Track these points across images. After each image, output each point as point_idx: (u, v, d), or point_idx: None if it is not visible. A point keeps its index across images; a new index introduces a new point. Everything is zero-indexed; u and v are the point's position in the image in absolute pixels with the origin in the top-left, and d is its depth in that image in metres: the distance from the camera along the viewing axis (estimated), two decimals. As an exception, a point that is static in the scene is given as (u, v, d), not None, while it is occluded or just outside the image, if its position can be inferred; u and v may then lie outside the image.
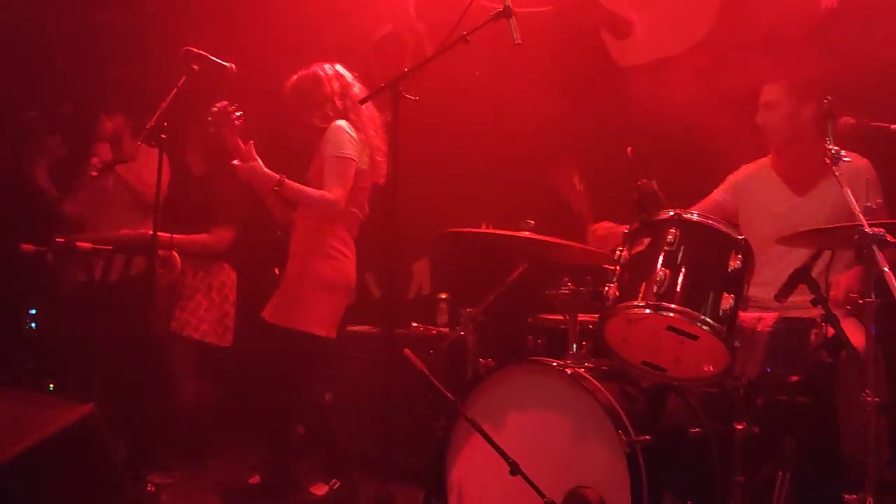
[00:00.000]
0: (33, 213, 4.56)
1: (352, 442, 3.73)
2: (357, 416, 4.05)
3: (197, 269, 4.16)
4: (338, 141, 3.30)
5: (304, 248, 3.37)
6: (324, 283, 3.34)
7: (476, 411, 2.69)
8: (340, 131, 3.32)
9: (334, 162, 3.27)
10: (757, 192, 3.29)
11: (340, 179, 3.26)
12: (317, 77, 3.43)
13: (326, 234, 3.36)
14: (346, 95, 3.43)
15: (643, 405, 2.68)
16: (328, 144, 3.30)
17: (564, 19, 4.37)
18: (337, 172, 3.26)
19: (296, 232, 3.44)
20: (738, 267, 2.54)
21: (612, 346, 2.66)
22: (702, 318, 2.45)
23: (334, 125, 3.34)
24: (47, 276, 4.40)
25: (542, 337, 3.25)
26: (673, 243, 2.54)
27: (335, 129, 3.33)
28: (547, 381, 2.63)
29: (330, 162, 3.27)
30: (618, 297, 2.58)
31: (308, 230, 3.37)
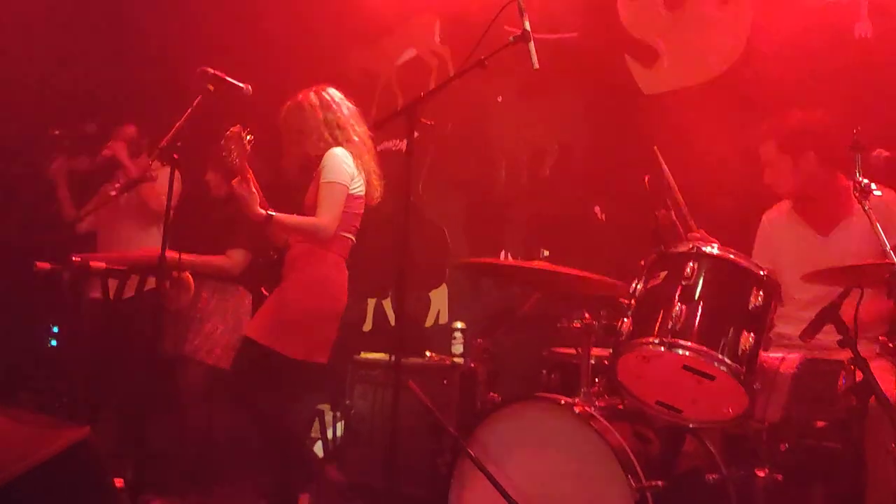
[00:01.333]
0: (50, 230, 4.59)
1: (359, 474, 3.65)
2: (366, 446, 3.96)
3: (212, 291, 4.11)
4: (332, 167, 3.30)
5: (298, 271, 3.36)
6: (314, 308, 3.32)
7: (481, 448, 2.58)
8: (335, 158, 3.32)
9: (326, 188, 3.27)
10: (781, 234, 3.20)
11: (331, 206, 3.26)
12: (300, 107, 3.41)
13: (320, 259, 3.34)
14: (334, 122, 3.40)
15: (657, 448, 2.55)
16: (323, 170, 3.31)
17: (590, 46, 4.31)
18: (328, 199, 3.26)
19: (290, 254, 3.43)
20: (760, 304, 2.41)
21: (626, 383, 2.54)
22: (719, 358, 2.32)
23: (330, 152, 3.34)
24: (63, 295, 4.42)
25: (557, 371, 3.13)
26: (691, 277, 2.42)
27: (331, 155, 3.33)
28: (555, 419, 2.51)
29: (322, 188, 3.28)
30: (632, 333, 2.47)
31: (302, 254, 3.37)
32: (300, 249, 3.36)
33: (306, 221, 3.26)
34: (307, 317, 3.30)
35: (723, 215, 3.61)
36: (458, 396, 3.76)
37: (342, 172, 3.29)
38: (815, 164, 2.99)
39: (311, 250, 3.32)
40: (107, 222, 4.44)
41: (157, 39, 5.05)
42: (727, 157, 3.74)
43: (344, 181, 3.29)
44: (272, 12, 5.37)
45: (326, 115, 3.39)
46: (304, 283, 3.32)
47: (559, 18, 4.33)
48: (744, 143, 3.65)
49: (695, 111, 3.88)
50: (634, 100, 4.17)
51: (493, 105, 4.69)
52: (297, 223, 3.27)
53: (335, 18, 5.12)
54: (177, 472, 3.93)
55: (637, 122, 4.15)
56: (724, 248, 2.51)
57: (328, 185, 3.26)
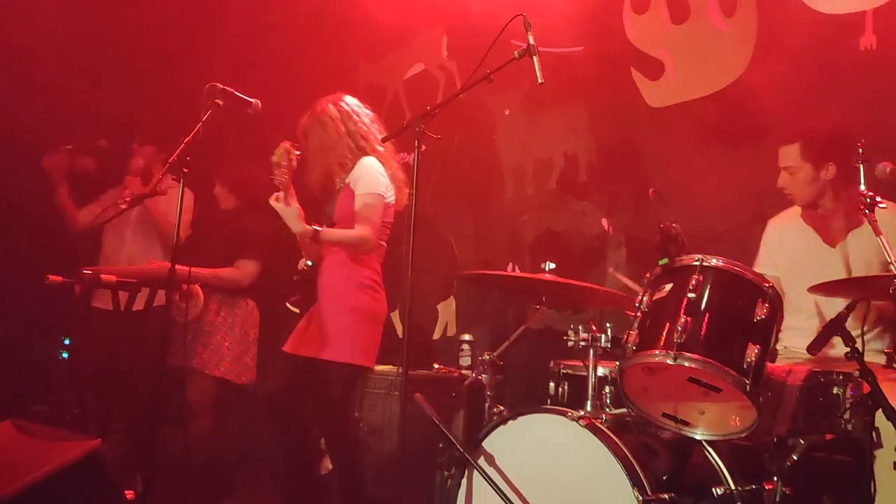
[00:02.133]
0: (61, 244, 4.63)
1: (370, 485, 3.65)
2: (376, 458, 3.97)
3: (221, 304, 4.14)
4: (367, 178, 3.29)
5: (340, 281, 3.31)
6: (365, 314, 3.30)
7: (488, 460, 2.59)
8: (369, 168, 3.30)
9: (366, 199, 3.26)
10: (789, 242, 3.20)
11: (372, 216, 3.25)
12: (321, 122, 3.38)
13: (363, 267, 3.32)
14: (357, 133, 3.38)
15: (664, 460, 2.55)
16: (360, 182, 3.29)
17: (595, 60, 4.33)
18: (368, 210, 3.25)
19: (327, 266, 3.38)
20: (765, 316, 2.41)
21: (632, 396, 2.54)
22: (724, 370, 2.32)
23: (363, 162, 3.32)
24: (74, 308, 4.45)
25: (564, 383, 3.13)
26: (696, 290, 2.43)
27: (364, 166, 3.31)
28: (561, 431, 2.52)
29: (362, 199, 3.26)
30: (638, 345, 2.48)
31: (341, 263, 3.32)
32: (339, 258, 3.32)
33: (351, 234, 3.25)
34: (364, 319, 3.30)
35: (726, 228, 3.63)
36: (466, 408, 3.77)
37: (378, 183, 3.29)
38: (834, 175, 2.99)
39: (354, 259, 3.30)
40: (112, 234, 4.48)
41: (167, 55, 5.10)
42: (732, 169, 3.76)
43: (381, 191, 3.29)
44: (281, 28, 5.44)
45: (349, 127, 3.36)
46: (354, 286, 3.29)
47: (565, 32, 4.35)
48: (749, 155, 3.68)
49: (700, 124, 3.92)
50: (640, 113, 4.18)
51: (499, 118, 4.72)
52: (341, 236, 3.26)
53: (343, 34, 5.18)
54: (186, 485, 3.94)
55: (643, 135, 4.18)
56: (728, 260, 2.52)
57: (366, 196, 3.26)
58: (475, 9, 4.72)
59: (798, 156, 3.04)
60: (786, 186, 3.12)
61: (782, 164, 3.09)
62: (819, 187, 3.06)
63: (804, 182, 3.05)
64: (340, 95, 3.46)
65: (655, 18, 4.18)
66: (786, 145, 3.07)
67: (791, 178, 3.08)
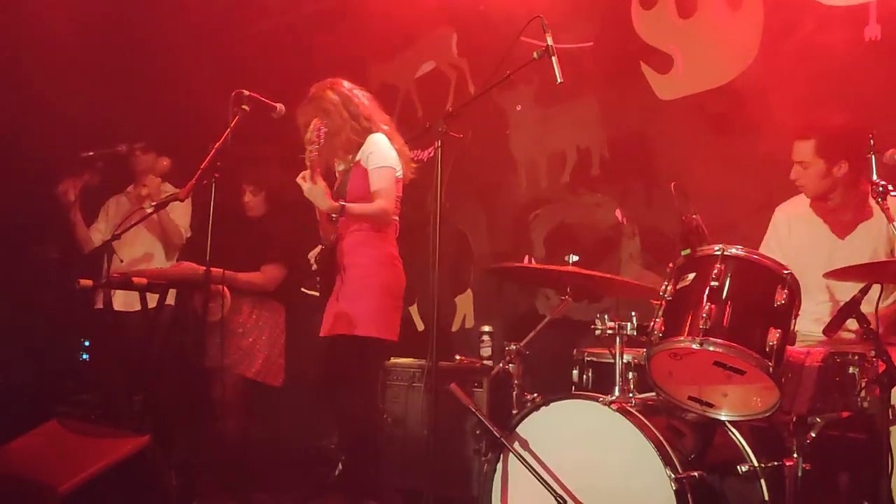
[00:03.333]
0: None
1: (396, 476, 3.75)
2: (401, 449, 4.07)
3: (253, 307, 4.23)
4: (379, 152, 3.34)
5: (364, 260, 3.36)
6: (390, 290, 3.37)
7: (522, 445, 2.70)
8: (380, 143, 3.36)
9: (380, 173, 3.31)
10: (799, 232, 3.28)
11: (389, 189, 3.32)
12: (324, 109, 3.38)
13: (384, 243, 3.39)
14: (360, 115, 3.41)
15: (690, 440, 2.67)
16: (372, 157, 3.33)
17: (605, 54, 4.42)
18: (384, 182, 3.31)
19: (349, 246, 3.40)
20: (785, 301, 2.53)
21: (658, 381, 2.66)
22: (748, 353, 2.44)
23: (372, 138, 3.37)
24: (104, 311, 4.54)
25: (589, 371, 3.25)
26: (718, 278, 2.54)
27: (373, 141, 3.36)
28: (593, 416, 2.63)
29: (377, 173, 3.32)
30: (663, 332, 2.59)
31: (361, 242, 3.37)
32: (357, 237, 3.37)
33: (374, 207, 3.29)
34: (392, 295, 3.36)
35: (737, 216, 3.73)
36: (490, 397, 3.88)
37: (389, 157, 3.33)
38: (846, 171, 3.07)
39: (368, 234, 3.35)
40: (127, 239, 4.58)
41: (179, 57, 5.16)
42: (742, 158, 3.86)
43: (393, 164, 3.34)
44: (291, 29, 5.51)
45: (351, 110, 3.40)
46: (376, 263, 3.34)
47: (575, 28, 4.44)
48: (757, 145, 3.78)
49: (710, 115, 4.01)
50: (651, 106, 4.28)
51: (512, 114, 4.81)
52: (364, 209, 3.30)
53: (354, 33, 5.24)
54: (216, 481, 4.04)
55: (654, 128, 4.27)
56: (748, 249, 2.63)
57: (381, 170, 3.30)
58: (484, 6, 4.81)
59: (812, 152, 3.09)
60: (798, 179, 3.19)
61: (796, 159, 3.16)
62: (831, 182, 3.12)
63: (817, 177, 3.11)
64: (337, 80, 3.49)
65: (663, 13, 4.27)
66: (801, 140, 3.12)
67: (804, 173, 3.15)
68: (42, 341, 5.09)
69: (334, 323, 3.36)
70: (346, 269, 3.39)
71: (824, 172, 3.10)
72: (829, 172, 3.10)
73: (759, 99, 3.75)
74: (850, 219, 3.15)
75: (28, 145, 4.79)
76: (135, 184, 4.77)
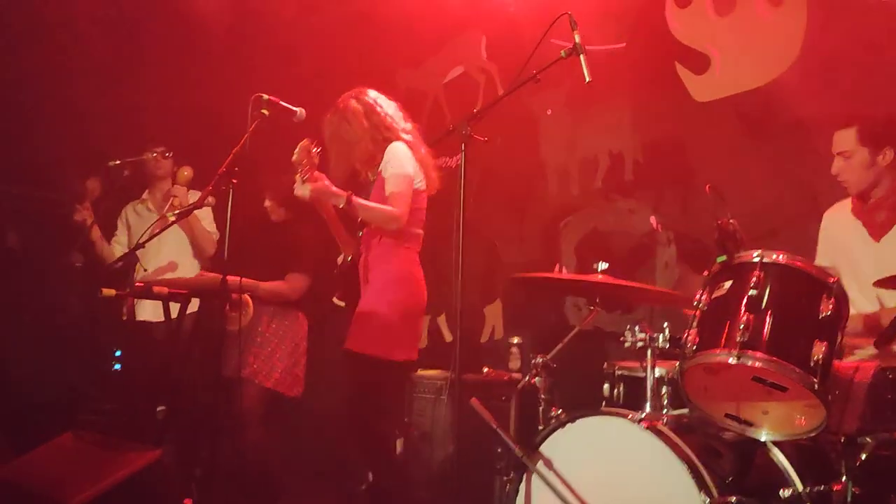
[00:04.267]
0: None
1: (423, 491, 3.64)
2: (427, 463, 3.96)
3: (272, 316, 4.17)
4: (396, 160, 3.30)
5: (379, 276, 3.32)
6: (404, 309, 3.29)
7: (547, 464, 2.55)
8: (398, 151, 3.32)
9: (395, 179, 3.27)
10: (837, 235, 3.13)
11: (402, 195, 3.26)
12: (345, 117, 3.37)
13: (401, 260, 3.32)
14: (381, 125, 3.37)
15: (728, 462, 2.49)
16: (388, 165, 3.30)
17: (639, 55, 4.28)
18: (398, 189, 3.25)
19: (366, 261, 3.38)
20: (831, 312, 2.35)
21: (692, 396, 2.49)
22: (791, 368, 2.26)
23: (392, 146, 3.33)
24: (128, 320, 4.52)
25: (619, 385, 3.09)
26: (757, 287, 2.37)
27: (393, 149, 3.32)
28: (622, 434, 2.47)
29: (391, 180, 3.27)
30: (698, 344, 2.42)
31: (379, 257, 3.33)
32: (377, 252, 3.34)
33: (382, 208, 3.24)
34: (405, 314, 3.29)
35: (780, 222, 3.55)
36: (518, 411, 3.74)
37: (404, 164, 3.29)
38: (891, 160, 2.92)
39: (388, 250, 3.31)
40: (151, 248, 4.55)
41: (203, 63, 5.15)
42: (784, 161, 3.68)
43: (409, 172, 3.29)
44: (319, 36, 5.47)
45: (372, 120, 3.37)
46: (392, 281, 3.29)
47: (607, 29, 4.32)
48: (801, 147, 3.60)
49: (749, 117, 3.84)
50: (686, 108, 4.12)
51: (542, 118, 4.69)
52: (373, 208, 3.25)
53: (381, 39, 5.19)
54: (238, 492, 3.97)
55: (690, 130, 4.11)
56: (790, 255, 2.45)
57: (396, 176, 3.26)
58: (513, 9, 4.70)
59: (855, 140, 2.96)
60: (840, 173, 3.04)
61: (837, 150, 3.01)
62: (875, 174, 2.98)
63: (860, 167, 2.97)
64: (362, 89, 3.47)
65: (700, 11, 4.12)
66: (842, 130, 2.99)
67: (846, 164, 3.00)
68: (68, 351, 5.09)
69: (347, 338, 3.32)
70: (362, 284, 3.36)
71: (868, 162, 2.95)
72: (873, 162, 2.96)
73: (802, 99, 3.59)
74: (886, 219, 2.99)
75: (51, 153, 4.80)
76: (150, 189, 4.71)
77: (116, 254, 4.62)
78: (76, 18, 4.84)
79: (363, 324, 3.28)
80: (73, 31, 4.85)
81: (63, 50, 4.88)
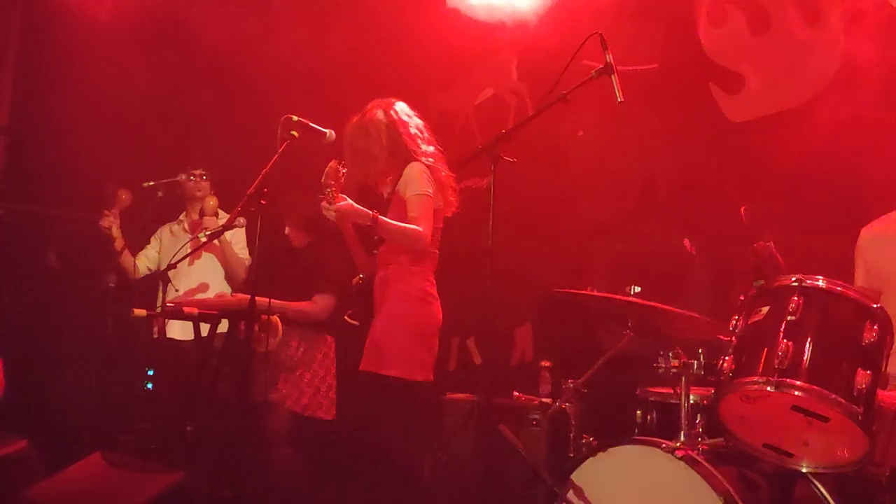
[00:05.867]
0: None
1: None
2: (458, 488, 3.89)
3: (300, 340, 4.15)
4: (417, 180, 3.29)
5: (395, 296, 3.30)
6: (420, 329, 3.28)
7: (577, 493, 2.48)
8: (418, 171, 3.31)
9: (418, 199, 3.26)
10: (884, 249, 2.99)
11: (426, 215, 3.26)
12: (366, 129, 3.39)
13: (418, 279, 3.31)
14: (401, 142, 3.36)
15: (766, 494, 2.40)
16: (409, 185, 3.30)
17: (672, 76, 4.23)
18: (422, 209, 3.25)
19: (382, 280, 3.37)
20: (874, 339, 2.26)
21: (729, 425, 2.41)
22: (833, 398, 2.18)
23: (411, 166, 3.33)
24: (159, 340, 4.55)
25: (652, 412, 3.01)
26: (796, 312, 2.29)
27: (413, 169, 3.32)
28: (655, 463, 2.40)
29: (413, 200, 3.27)
30: (735, 372, 2.35)
31: (396, 277, 3.32)
32: (392, 271, 3.33)
33: (409, 228, 3.23)
34: (422, 333, 3.27)
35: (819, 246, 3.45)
36: (548, 437, 3.66)
37: (426, 184, 3.29)
38: None
39: (403, 269, 3.30)
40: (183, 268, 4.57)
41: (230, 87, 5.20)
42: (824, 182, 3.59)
43: (430, 193, 3.29)
44: (351, 59, 5.50)
45: (393, 137, 3.37)
46: (409, 300, 3.28)
47: (639, 50, 4.27)
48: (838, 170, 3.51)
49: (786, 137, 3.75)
50: (721, 128, 4.05)
51: (573, 139, 4.64)
52: (401, 228, 3.24)
53: (412, 61, 5.20)
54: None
55: (724, 151, 4.03)
56: (831, 280, 2.37)
57: (419, 196, 3.26)
58: (545, 31, 4.68)
59: None
60: None
61: None
62: None
63: None
64: (391, 101, 3.47)
65: (734, 30, 4.06)
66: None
67: None
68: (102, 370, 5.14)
69: (364, 359, 3.30)
70: (377, 303, 3.34)
71: None
72: None
73: (840, 119, 3.49)
74: None
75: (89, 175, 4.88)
76: (187, 211, 4.78)
77: (140, 266, 4.67)
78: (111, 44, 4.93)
79: (381, 344, 3.26)
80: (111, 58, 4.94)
81: (112, 78, 4.97)
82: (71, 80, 5.09)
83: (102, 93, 5.04)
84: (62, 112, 5.09)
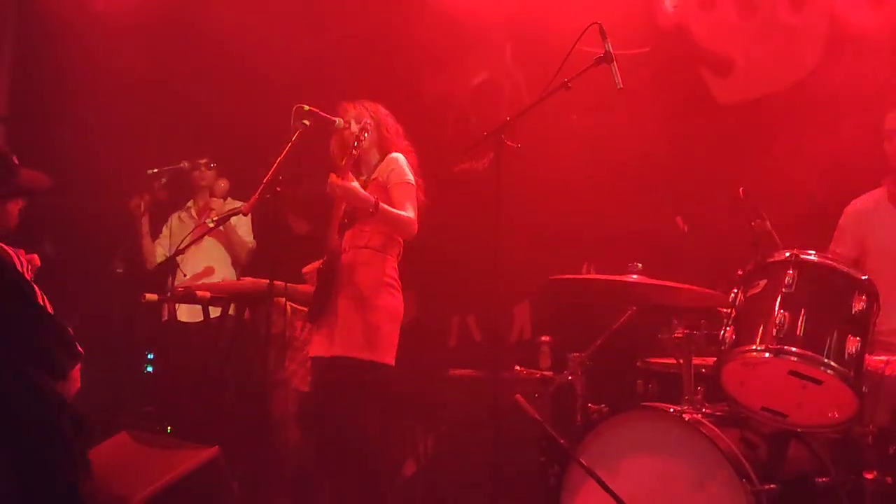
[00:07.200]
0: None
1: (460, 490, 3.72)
2: (462, 463, 4.03)
3: (305, 322, 4.25)
4: (401, 169, 3.41)
5: (363, 280, 3.37)
6: (388, 313, 3.37)
7: (589, 458, 2.64)
8: (400, 161, 3.44)
9: (404, 188, 3.37)
10: (872, 223, 3.18)
11: (413, 204, 3.37)
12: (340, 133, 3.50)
13: (385, 266, 3.41)
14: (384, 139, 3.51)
15: (765, 452, 2.58)
16: (392, 173, 3.40)
17: (663, 59, 4.35)
18: (409, 197, 3.36)
19: (349, 264, 3.40)
20: (863, 308, 2.44)
21: (730, 391, 2.59)
22: (826, 362, 2.36)
23: (393, 156, 3.45)
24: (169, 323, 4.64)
25: (653, 381, 3.18)
26: (791, 285, 2.47)
27: (394, 159, 3.44)
28: (664, 427, 2.57)
29: (399, 188, 3.37)
30: (735, 341, 2.52)
31: (363, 262, 3.38)
32: (361, 255, 3.38)
33: (402, 215, 3.32)
34: (392, 318, 3.36)
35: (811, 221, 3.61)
36: (552, 409, 3.82)
37: (409, 174, 3.41)
38: None
39: (372, 255, 3.37)
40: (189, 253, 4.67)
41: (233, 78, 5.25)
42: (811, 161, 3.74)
43: (413, 181, 3.41)
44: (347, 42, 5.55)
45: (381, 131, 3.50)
46: (379, 286, 3.35)
47: (630, 34, 4.37)
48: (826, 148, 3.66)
49: (775, 118, 3.91)
50: (711, 110, 4.19)
51: (568, 123, 4.76)
52: (397, 216, 3.33)
53: (407, 44, 5.26)
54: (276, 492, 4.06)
55: (715, 132, 4.18)
56: (822, 254, 2.55)
57: (405, 185, 3.37)
58: (538, 15, 4.78)
59: None
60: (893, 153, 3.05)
61: (888, 128, 3.04)
62: None
63: None
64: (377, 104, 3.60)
65: (722, 15, 4.19)
66: (890, 112, 3.03)
67: None
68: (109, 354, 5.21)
69: (330, 345, 3.33)
70: (342, 287, 3.36)
71: None
72: None
73: (828, 99, 3.64)
74: None
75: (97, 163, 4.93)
76: (195, 199, 4.86)
77: (158, 256, 4.76)
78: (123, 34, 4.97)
79: (352, 328, 3.29)
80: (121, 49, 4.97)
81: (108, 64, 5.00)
82: (70, 69, 5.12)
83: (102, 81, 5.07)
84: (61, 101, 5.13)
